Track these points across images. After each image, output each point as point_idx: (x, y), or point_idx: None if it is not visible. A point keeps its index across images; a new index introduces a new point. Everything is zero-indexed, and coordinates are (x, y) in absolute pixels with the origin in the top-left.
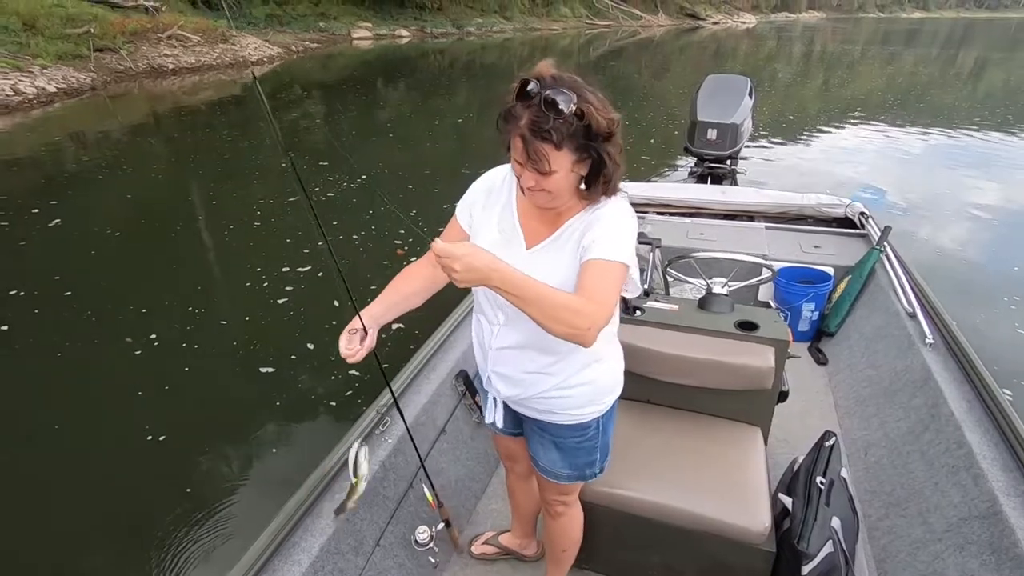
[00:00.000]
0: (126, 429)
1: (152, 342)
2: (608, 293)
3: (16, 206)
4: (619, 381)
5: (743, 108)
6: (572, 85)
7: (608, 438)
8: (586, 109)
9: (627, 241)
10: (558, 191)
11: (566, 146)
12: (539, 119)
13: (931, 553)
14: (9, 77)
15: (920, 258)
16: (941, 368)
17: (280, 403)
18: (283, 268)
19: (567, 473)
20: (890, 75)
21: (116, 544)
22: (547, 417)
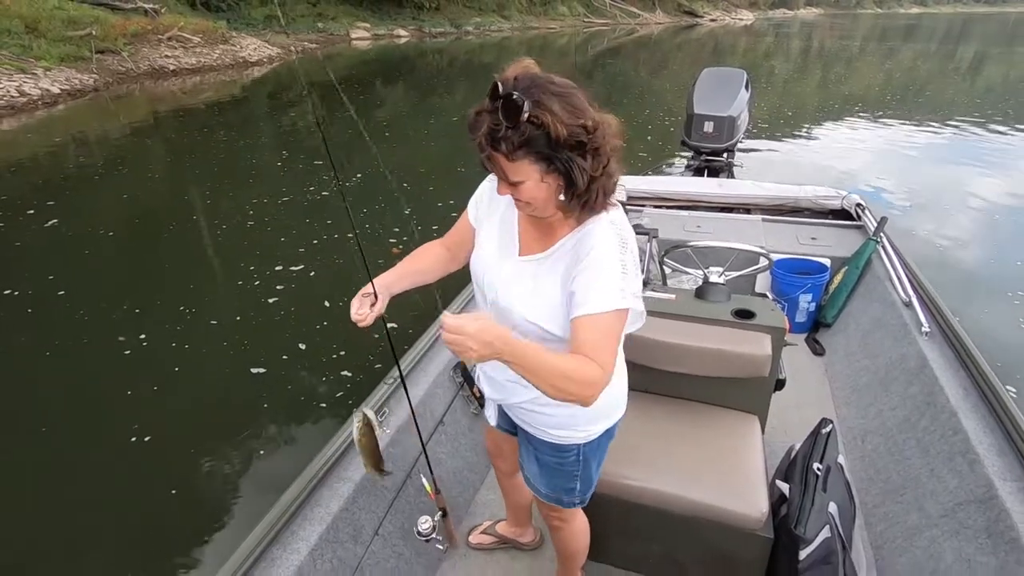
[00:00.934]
0: (114, 429)
1: (142, 342)
2: (607, 352)
3: (14, 207)
4: (613, 407)
5: (739, 101)
6: (532, 88)
7: (591, 472)
8: (542, 116)
9: (613, 282)
10: (533, 201)
11: (521, 156)
12: (495, 127)
13: (927, 538)
14: (14, 79)
15: (921, 253)
16: (937, 356)
17: (271, 404)
18: (276, 267)
19: (545, 491)
20: (888, 71)
21: (107, 542)
22: (528, 428)
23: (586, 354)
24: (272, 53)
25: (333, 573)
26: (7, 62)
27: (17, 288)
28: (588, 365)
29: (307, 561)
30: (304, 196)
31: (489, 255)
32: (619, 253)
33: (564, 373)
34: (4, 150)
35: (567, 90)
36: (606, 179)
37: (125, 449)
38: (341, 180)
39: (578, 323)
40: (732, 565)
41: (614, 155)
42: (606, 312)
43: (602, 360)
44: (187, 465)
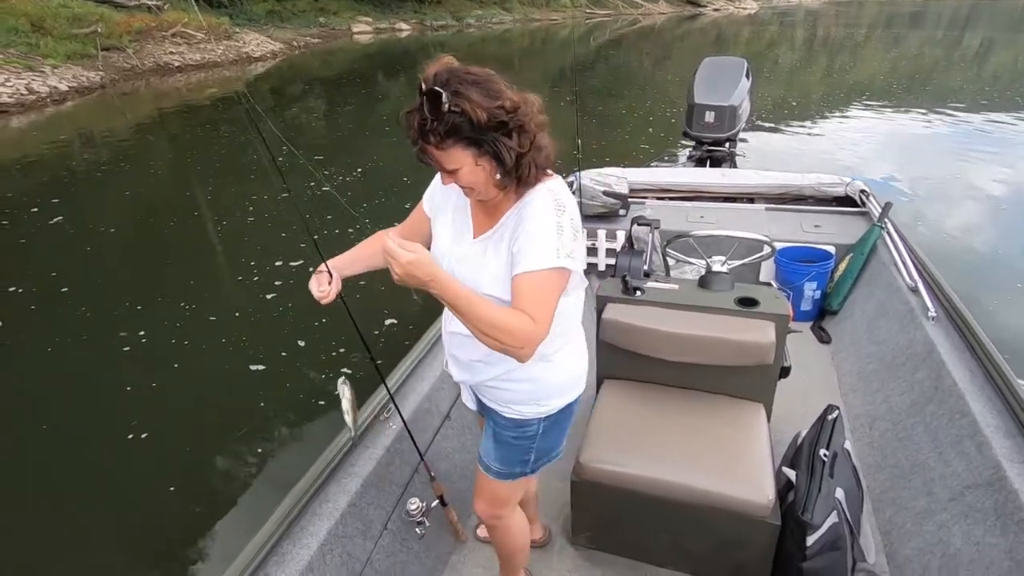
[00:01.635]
0: (114, 426)
1: (142, 338)
2: (543, 308)
3: (20, 204)
4: (570, 386)
5: (740, 90)
6: (450, 80)
7: (548, 444)
8: (461, 104)
9: (549, 241)
10: (474, 185)
11: (450, 145)
12: (423, 122)
13: (936, 522)
14: (23, 77)
15: (927, 241)
16: (943, 340)
17: (270, 401)
18: (276, 262)
19: (496, 468)
20: (894, 59)
21: (110, 541)
22: (492, 405)
23: (522, 309)
24: (275, 48)
25: (343, 567)
26: (15, 60)
27: (21, 285)
28: (519, 317)
29: (317, 556)
30: (304, 191)
31: (445, 243)
32: (555, 216)
33: (491, 321)
34: (12, 147)
35: (484, 77)
36: (535, 152)
37: (123, 446)
38: (288, 186)
39: (516, 280)
40: (740, 552)
41: (540, 130)
42: (541, 270)
43: (537, 315)
44: (186, 462)
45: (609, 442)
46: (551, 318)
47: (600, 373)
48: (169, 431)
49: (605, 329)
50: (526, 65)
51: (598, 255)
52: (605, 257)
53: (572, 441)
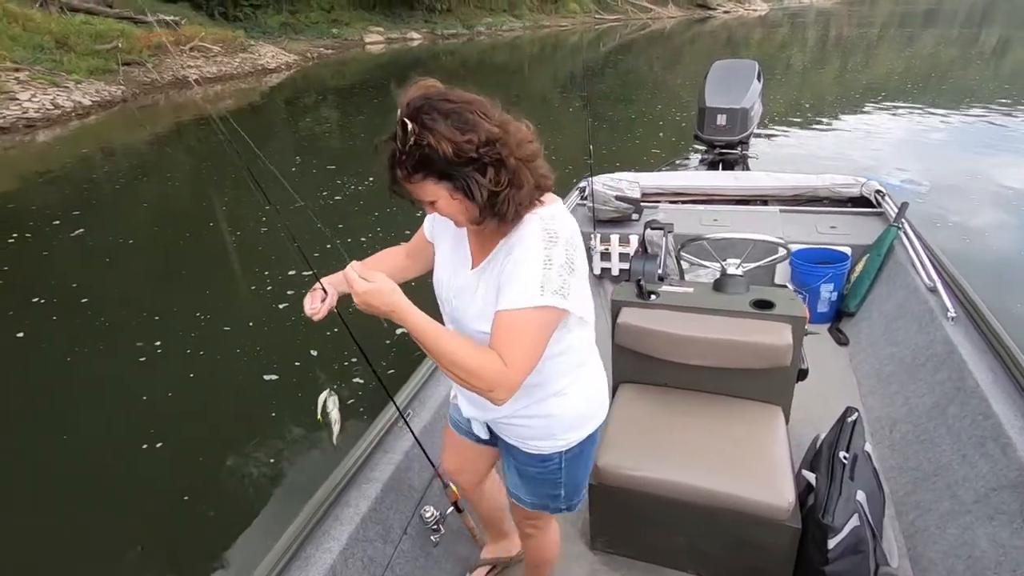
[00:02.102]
0: (129, 434)
1: (157, 348)
2: (517, 350)
3: (44, 217)
4: (589, 417)
5: (752, 92)
6: (421, 109)
7: (576, 478)
8: (427, 137)
9: (534, 278)
10: (455, 216)
11: (420, 179)
12: (394, 153)
13: (960, 525)
14: (48, 92)
15: (946, 243)
16: (964, 340)
17: (283, 412)
18: (289, 272)
19: (530, 500)
20: (908, 58)
21: (124, 550)
22: (509, 440)
23: (496, 348)
24: (289, 60)
25: (364, 571)
26: (41, 76)
27: (43, 296)
28: (488, 357)
29: (339, 560)
30: (317, 200)
31: (445, 273)
32: (543, 248)
33: (454, 358)
34: (38, 161)
35: (459, 106)
36: (514, 190)
37: (139, 454)
38: (275, 205)
39: (495, 318)
40: (759, 556)
41: (528, 162)
42: (520, 309)
43: (509, 357)
44: (200, 471)
45: (626, 446)
46: (529, 362)
47: (616, 377)
48: (183, 440)
49: (620, 333)
50: (536, 72)
51: (611, 260)
52: (619, 262)
53: None
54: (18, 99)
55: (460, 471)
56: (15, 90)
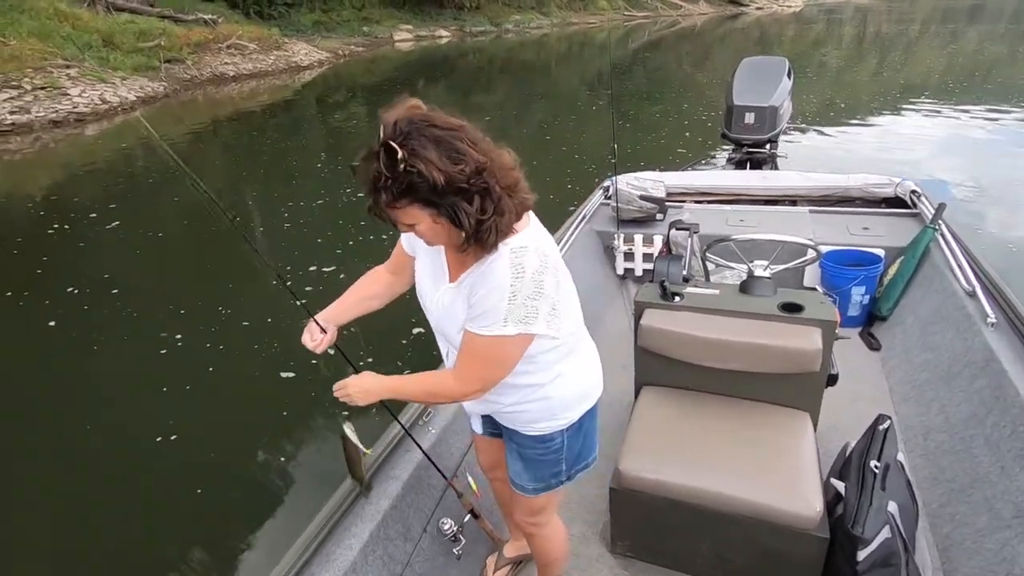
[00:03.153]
0: (147, 426)
1: (178, 342)
2: (470, 368)
3: (83, 208)
4: (582, 397)
5: (781, 90)
6: (410, 135)
7: (576, 452)
8: (418, 165)
9: (499, 310)
10: (434, 239)
11: (406, 205)
12: (376, 175)
13: (999, 540)
14: (96, 88)
15: (988, 247)
16: (1005, 348)
17: (299, 410)
18: (310, 267)
19: (532, 486)
20: (951, 55)
21: (139, 541)
22: (511, 426)
23: (458, 359)
24: (321, 57)
25: (384, 569)
26: (90, 73)
27: (77, 286)
28: (443, 379)
29: (359, 557)
30: (339, 198)
31: (426, 285)
32: (509, 284)
33: (427, 390)
34: (83, 155)
35: (449, 133)
36: (497, 218)
37: (153, 447)
38: (233, 217)
39: (463, 334)
40: (786, 566)
41: (509, 192)
42: (482, 335)
43: (462, 374)
44: (212, 466)
45: (649, 450)
46: (489, 377)
47: (639, 379)
48: (199, 434)
49: (643, 335)
50: (563, 70)
51: (634, 260)
52: (642, 262)
53: (611, 447)
54: (69, 94)
55: (493, 467)
56: (66, 86)
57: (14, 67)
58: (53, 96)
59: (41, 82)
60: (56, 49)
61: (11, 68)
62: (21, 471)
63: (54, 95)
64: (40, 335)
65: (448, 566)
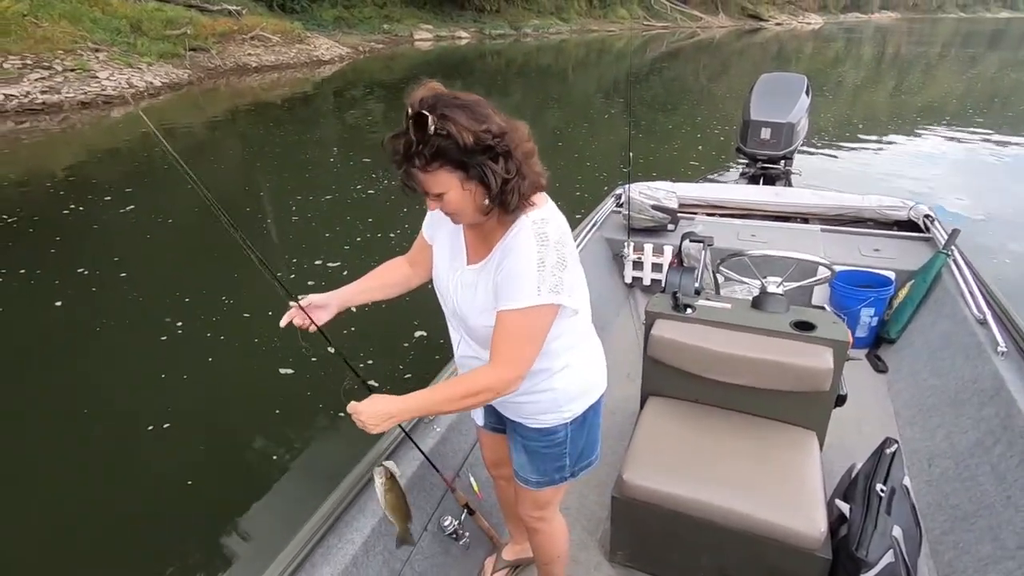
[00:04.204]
0: (142, 413)
1: (179, 329)
2: (513, 350)
3: (100, 190)
4: (586, 391)
5: (799, 107)
6: (437, 104)
7: (579, 447)
8: (448, 127)
9: (529, 279)
10: (462, 211)
11: (437, 168)
12: (408, 146)
13: (1002, 571)
14: (124, 72)
15: (1004, 276)
16: (1015, 377)
17: (294, 410)
18: (315, 261)
19: (535, 479)
20: (970, 80)
21: (125, 533)
22: (516, 419)
23: (495, 346)
24: (342, 52)
25: (384, 565)
26: (118, 57)
27: (87, 268)
28: (480, 375)
29: (361, 551)
30: (350, 193)
31: (443, 268)
32: (536, 252)
33: (464, 392)
34: (106, 137)
35: (471, 102)
36: (520, 180)
37: (145, 436)
38: (232, 223)
39: (497, 316)
40: None
41: (528, 158)
42: (520, 308)
43: (504, 360)
44: (203, 458)
45: (653, 460)
46: (530, 355)
47: (645, 389)
48: (193, 424)
49: (653, 345)
50: (580, 76)
51: (643, 269)
52: (651, 272)
53: (614, 456)
54: (97, 77)
55: (497, 464)
56: (95, 68)
57: (46, 48)
58: (82, 78)
59: (71, 64)
60: (86, 33)
61: (43, 49)
62: (11, 451)
63: (83, 77)
64: (45, 314)
65: (448, 565)
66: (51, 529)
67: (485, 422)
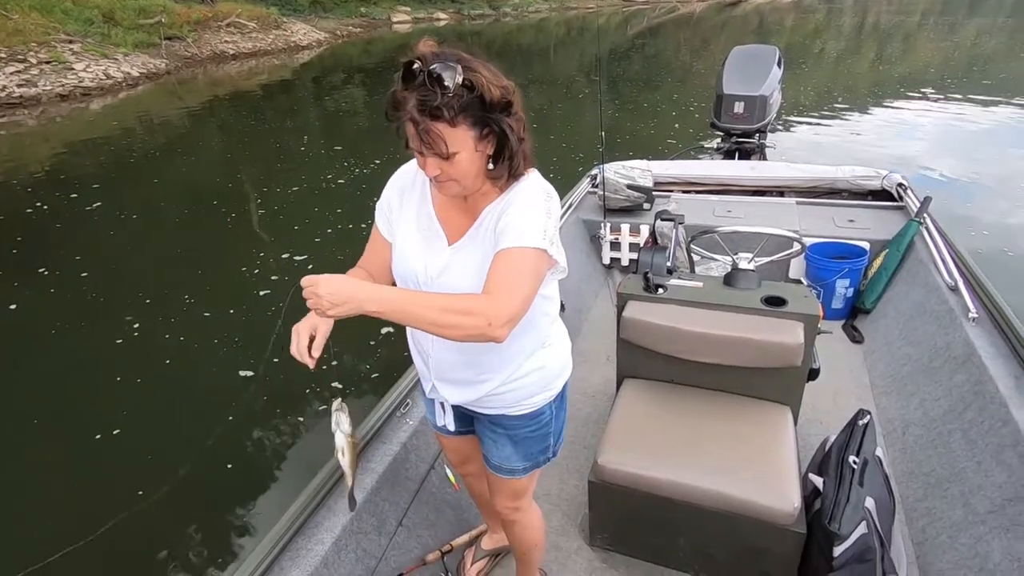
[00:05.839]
0: (92, 419)
1: (135, 331)
2: (514, 282)
3: (66, 188)
4: (568, 363)
5: (771, 79)
6: (457, 58)
7: (561, 423)
8: (475, 79)
9: (537, 222)
10: (464, 176)
11: (461, 122)
12: (426, 97)
13: (973, 536)
14: (100, 64)
15: (981, 243)
16: (986, 343)
17: (255, 414)
18: (283, 255)
19: (522, 466)
20: (949, 48)
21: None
22: (499, 411)
23: (492, 283)
24: (320, 37)
25: (358, 563)
26: (93, 48)
27: (47, 268)
28: (473, 296)
29: (331, 551)
30: (319, 183)
31: (415, 260)
32: (543, 200)
33: (450, 307)
34: (83, 130)
35: (482, 59)
36: (525, 143)
37: (94, 444)
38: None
39: (496, 257)
40: (763, 560)
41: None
42: (522, 247)
43: (504, 290)
44: (157, 465)
45: (629, 443)
46: (526, 295)
47: (620, 372)
48: (145, 431)
49: (626, 327)
50: (560, 55)
51: (621, 250)
52: (629, 252)
53: (594, 439)
54: (74, 69)
55: (464, 462)
56: (71, 60)
57: (18, 41)
58: (59, 70)
59: (46, 56)
60: (58, 24)
61: (15, 42)
62: None
63: (59, 69)
64: None
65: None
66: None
67: (456, 428)
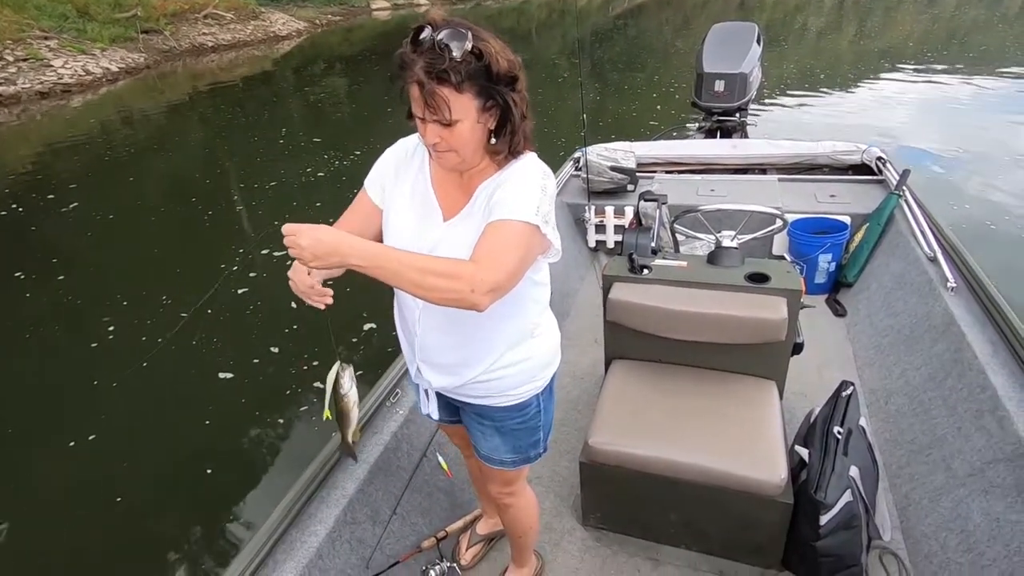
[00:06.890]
0: (66, 426)
1: (110, 333)
2: (500, 252)
3: (42, 189)
4: (556, 354)
5: (751, 56)
6: (467, 26)
7: (550, 416)
8: (484, 47)
9: (531, 198)
10: (464, 146)
11: (467, 89)
12: (434, 60)
13: (954, 498)
14: (79, 60)
15: (961, 214)
16: (964, 312)
17: (236, 417)
18: (261, 251)
19: (511, 458)
20: (929, 20)
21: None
22: (484, 401)
23: (479, 252)
24: (299, 27)
25: (352, 553)
26: (69, 44)
27: (23, 271)
28: (458, 261)
29: (325, 542)
30: (298, 177)
31: (408, 232)
32: (540, 178)
33: (435, 269)
34: (62, 128)
35: (492, 32)
36: (527, 121)
37: (68, 450)
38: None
39: (485, 229)
40: (752, 532)
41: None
42: (510, 220)
43: (490, 258)
44: (134, 470)
45: (618, 423)
46: (512, 269)
47: (608, 353)
48: (122, 437)
49: (612, 309)
50: (543, 38)
51: (606, 232)
52: (614, 234)
53: (585, 421)
54: (52, 65)
55: (467, 445)
56: (48, 57)
57: None
58: (36, 67)
59: (23, 53)
60: (32, 20)
61: None
62: None
63: (37, 66)
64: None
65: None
66: None
67: (440, 417)
